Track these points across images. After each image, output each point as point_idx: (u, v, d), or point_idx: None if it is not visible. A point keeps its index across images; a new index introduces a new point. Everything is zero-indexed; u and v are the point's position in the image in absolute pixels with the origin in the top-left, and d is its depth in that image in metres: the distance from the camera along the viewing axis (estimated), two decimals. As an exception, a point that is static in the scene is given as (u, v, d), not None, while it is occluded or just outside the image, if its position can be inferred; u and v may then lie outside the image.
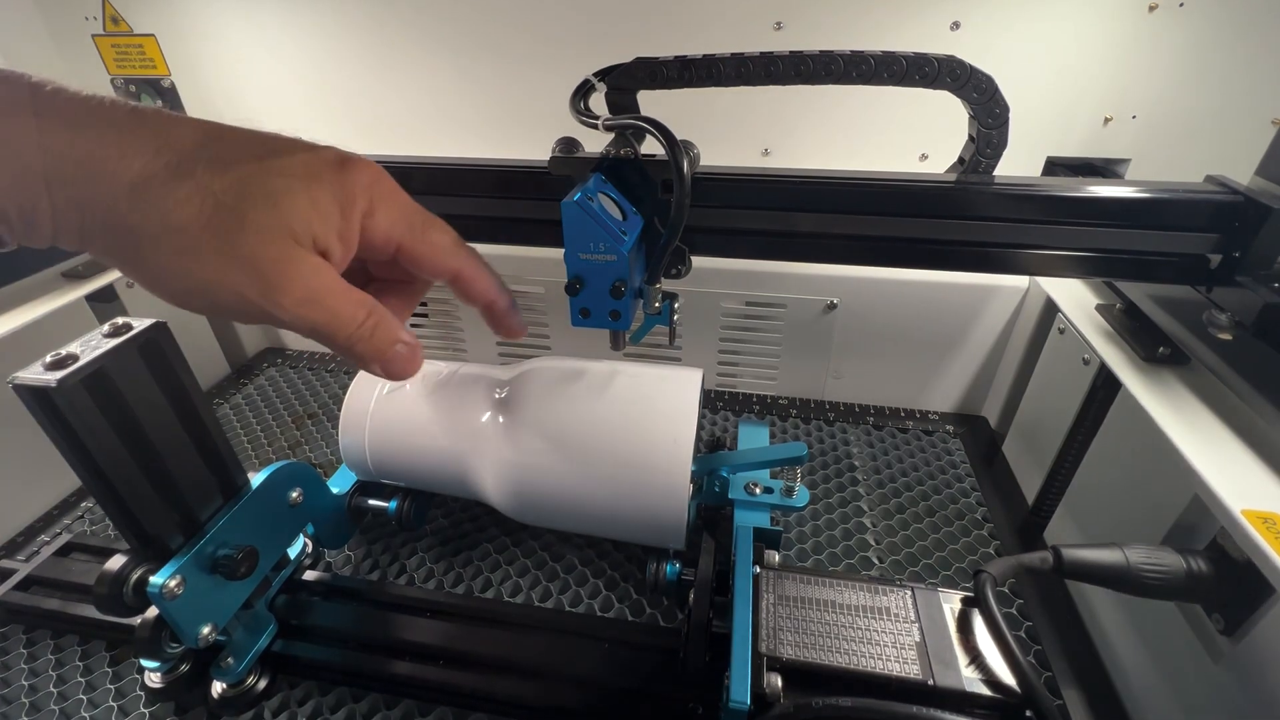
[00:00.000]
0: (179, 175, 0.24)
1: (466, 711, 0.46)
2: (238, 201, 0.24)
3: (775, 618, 0.40)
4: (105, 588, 0.37)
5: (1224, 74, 0.59)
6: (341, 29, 0.74)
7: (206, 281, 0.25)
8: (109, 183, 0.23)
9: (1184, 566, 0.37)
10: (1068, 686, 0.47)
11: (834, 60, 0.41)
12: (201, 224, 0.24)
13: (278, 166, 0.26)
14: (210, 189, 0.24)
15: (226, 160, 0.25)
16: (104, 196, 0.23)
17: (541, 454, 0.48)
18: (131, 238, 0.24)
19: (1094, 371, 0.54)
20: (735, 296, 0.73)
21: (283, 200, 0.25)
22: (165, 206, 0.23)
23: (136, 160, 0.23)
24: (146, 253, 0.24)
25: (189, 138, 0.24)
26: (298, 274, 0.25)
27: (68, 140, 0.22)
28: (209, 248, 0.24)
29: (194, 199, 0.24)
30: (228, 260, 0.24)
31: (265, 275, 0.25)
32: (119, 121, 0.23)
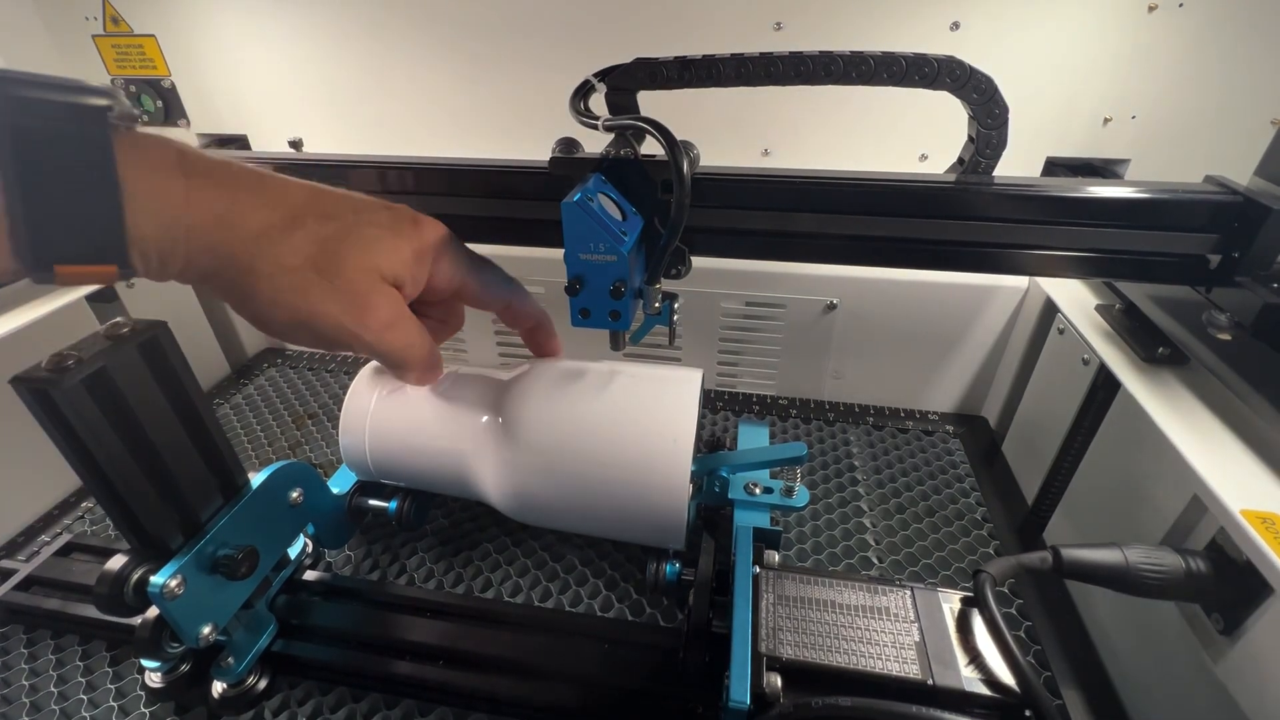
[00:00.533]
0: (293, 226, 0.30)
1: (466, 711, 0.46)
2: (339, 245, 0.31)
3: (775, 617, 0.40)
4: (106, 588, 0.37)
5: (1224, 74, 0.59)
6: (341, 29, 0.75)
7: (311, 312, 0.31)
8: (238, 233, 0.29)
9: (1183, 566, 0.38)
10: (1067, 686, 0.47)
11: (834, 60, 0.41)
12: (310, 264, 0.30)
13: (369, 219, 0.33)
14: (318, 235, 0.31)
15: (330, 213, 0.31)
16: (232, 244, 0.29)
17: (541, 454, 0.48)
18: (250, 277, 0.29)
19: (1094, 372, 0.54)
20: (735, 296, 0.73)
21: (374, 245, 0.32)
22: (281, 252, 0.30)
23: (260, 214, 0.29)
24: (262, 289, 0.30)
25: (299, 195, 0.31)
26: (383, 303, 0.33)
27: (211, 198, 0.28)
28: (315, 283, 0.31)
29: (304, 245, 0.30)
30: (329, 293, 0.31)
31: (359, 304, 0.32)
32: (248, 183, 0.29)
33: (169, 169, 0.27)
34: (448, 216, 0.54)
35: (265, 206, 0.29)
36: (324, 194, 0.32)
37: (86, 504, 0.65)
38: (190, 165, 0.28)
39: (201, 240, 0.28)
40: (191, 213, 0.27)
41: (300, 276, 0.30)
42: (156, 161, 0.27)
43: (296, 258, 0.30)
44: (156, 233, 0.27)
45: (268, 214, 0.29)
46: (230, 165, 0.29)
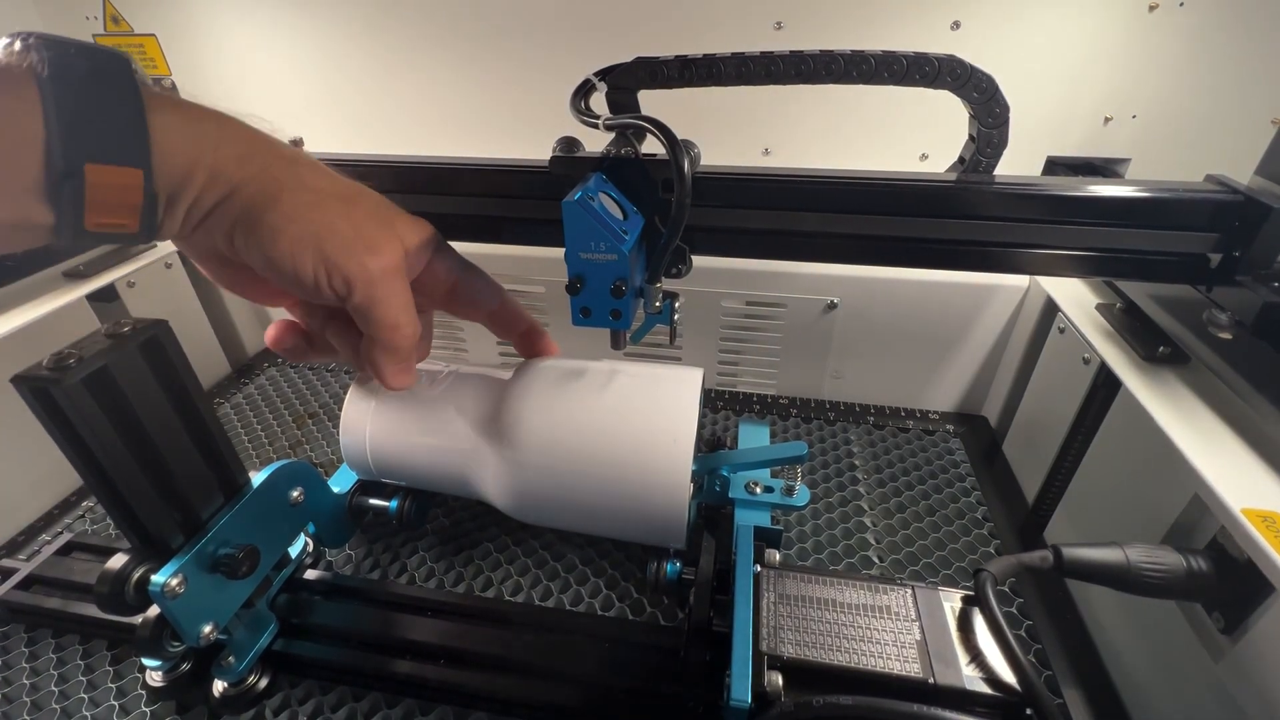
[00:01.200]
0: (321, 168, 0.34)
1: (467, 710, 0.46)
2: (359, 196, 0.35)
3: (776, 616, 0.40)
4: (106, 587, 0.37)
5: (1224, 74, 0.59)
6: (342, 29, 0.75)
7: (328, 226, 0.32)
8: (272, 152, 0.31)
9: (1184, 565, 0.38)
10: (1068, 685, 0.47)
11: (834, 60, 0.41)
12: (330, 193, 0.33)
13: (385, 201, 0.37)
14: (341, 187, 0.34)
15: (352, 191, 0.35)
16: (266, 156, 0.31)
17: (542, 453, 0.48)
18: (275, 187, 0.31)
19: (1094, 371, 0.54)
20: (735, 296, 0.73)
21: (390, 213, 0.36)
22: (308, 175, 0.33)
23: (290, 150, 0.33)
24: (284, 200, 0.31)
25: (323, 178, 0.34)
26: (392, 250, 0.35)
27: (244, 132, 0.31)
28: (336, 205, 0.33)
29: (329, 180, 0.34)
30: (346, 215, 0.33)
31: (371, 237, 0.34)
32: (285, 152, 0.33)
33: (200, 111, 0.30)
34: (448, 216, 0.54)
35: (298, 150, 0.33)
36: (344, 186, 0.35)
37: (87, 503, 0.65)
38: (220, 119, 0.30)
39: (231, 150, 0.30)
40: (223, 134, 0.30)
41: (324, 195, 0.32)
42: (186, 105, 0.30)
43: (321, 183, 0.33)
44: (184, 144, 0.28)
45: (299, 152, 0.33)
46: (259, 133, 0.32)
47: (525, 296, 0.78)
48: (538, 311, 0.78)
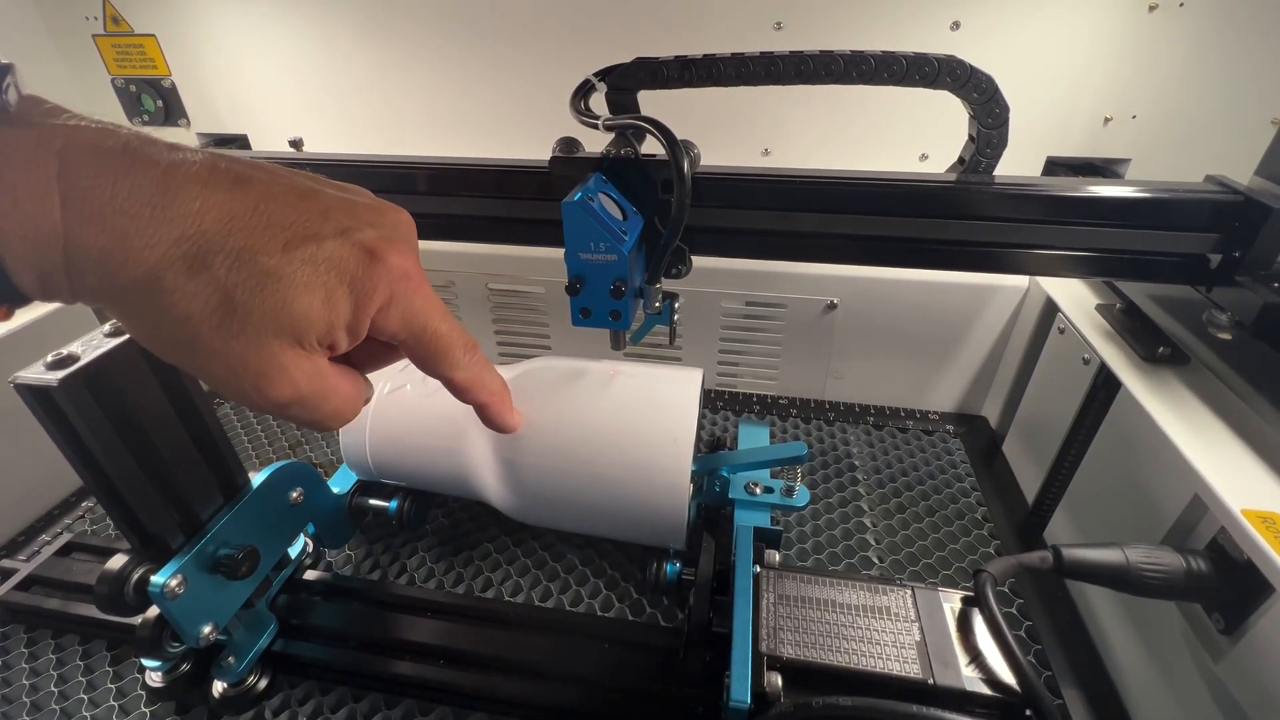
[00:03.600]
0: (194, 268, 0.23)
1: (467, 711, 0.46)
2: (248, 297, 0.24)
3: (775, 617, 0.40)
4: (106, 587, 0.37)
5: (1224, 74, 0.59)
6: (341, 29, 0.75)
7: (199, 371, 0.25)
8: (121, 277, 0.22)
9: (1184, 566, 0.38)
10: (1068, 686, 0.47)
11: (834, 60, 0.41)
12: (203, 318, 0.23)
13: (303, 256, 0.24)
14: (222, 283, 0.23)
15: (250, 249, 0.24)
16: (115, 289, 0.23)
17: (542, 453, 0.48)
18: (136, 324, 0.24)
19: (1094, 371, 0.54)
20: (735, 296, 0.73)
21: (296, 302, 0.24)
22: (172, 300, 0.23)
23: (153, 254, 0.22)
24: (146, 338, 0.25)
25: (216, 218, 0.23)
26: (287, 380, 0.25)
27: (91, 235, 0.22)
28: (205, 344, 0.24)
29: (202, 293, 0.23)
30: (221, 359, 0.24)
31: (256, 376, 0.25)
32: (147, 206, 0.22)
33: (40, 193, 0.21)
34: (448, 216, 0.54)
35: (161, 240, 0.22)
36: (257, 208, 0.24)
37: (87, 503, 0.65)
38: (72, 182, 0.21)
39: (83, 281, 0.22)
40: (70, 249, 0.21)
41: (189, 329, 0.23)
42: (23, 186, 0.21)
43: (189, 308, 0.23)
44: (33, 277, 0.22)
45: (164, 250, 0.22)
46: (130, 176, 0.22)
47: (525, 297, 0.78)
48: (537, 312, 0.78)
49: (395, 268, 0.27)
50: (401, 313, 0.28)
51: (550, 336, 0.80)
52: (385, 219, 0.27)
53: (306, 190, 0.26)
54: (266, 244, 0.24)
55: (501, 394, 0.35)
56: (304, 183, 0.26)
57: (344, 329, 0.26)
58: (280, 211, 0.24)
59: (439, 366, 0.31)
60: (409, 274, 0.27)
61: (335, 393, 0.27)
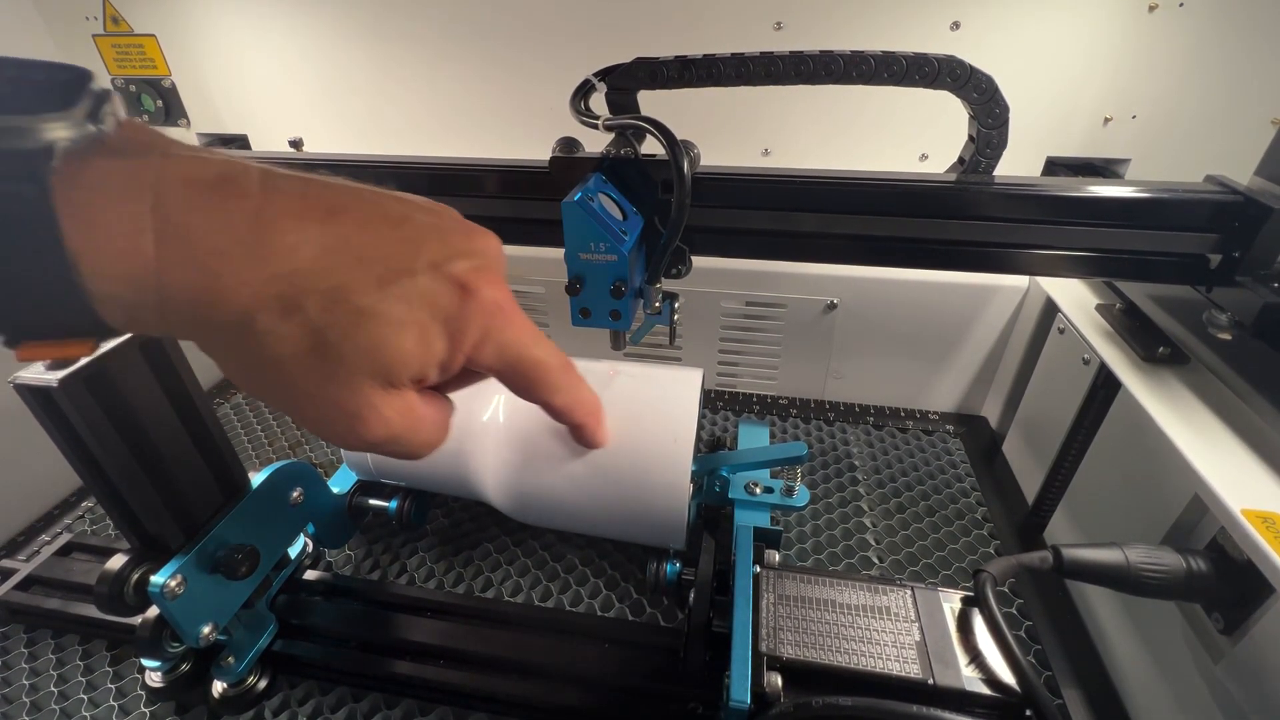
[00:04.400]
0: (287, 309, 0.22)
1: (467, 711, 0.46)
2: (341, 339, 0.23)
3: (775, 617, 0.40)
4: (106, 587, 0.37)
5: (1224, 74, 0.59)
6: (342, 29, 0.75)
7: (289, 411, 0.25)
8: (214, 315, 0.22)
9: (1184, 566, 0.38)
10: (1068, 686, 0.47)
11: (834, 60, 0.41)
12: (295, 360, 0.23)
13: (397, 293, 0.24)
14: (315, 325, 0.23)
15: (343, 288, 0.23)
16: (208, 327, 0.22)
17: (542, 453, 0.48)
18: (228, 363, 0.23)
19: (1094, 371, 0.54)
20: (735, 296, 0.73)
21: (390, 342, 0.24)
22: (264, 342, 0.22)
23: (246, 291, 0.22)
24: (238, 378, 0.24)
25: (309, 254, 0.22)
26: (379, 420, 0.25)
27: (185, 273, 0.21)
28: (297, 386, 0.23)
29: (295, 334, 0.22)
30: (313, 401, 0.24)
31: (349, 418, 0.24)
32: (240, 244, 0.21)
33: (133, 230, 0.20)
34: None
35: (255, 280, 0.22)
36: (348, 243, 0.23)
37: (87, 503, 0.65)
38: (165, 218, 0.20)
39: (174, 317, 0.22)
40: (163, 287, 0.21)
41: (282, 372, 0.23)
42: (117, 223, 0.20)
43: (282, 350, 0.22)
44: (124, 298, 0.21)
45: (256, 289, 0.22)
46: (224, 212, 0.21)
47: (525, 297, 0.78)
48: (537, 312, 0.78)
49: (489, 301, 0.26)
50: (496, 346, 0.27)
51: (550, 336, 0.80)
52: (475, 245, 0.26)
53: (398, 217, 0.25)
54: (360, 281, 0.23)
55: (598, 411, 0.34)
56: (394, 207, 0.25)
57: (437, 367, 0.26)
58: (372, 243, 0.23)
59: (536, 393, 0.31)
60: (502, 306, 0.27)
61: (424, 423, 0.27)
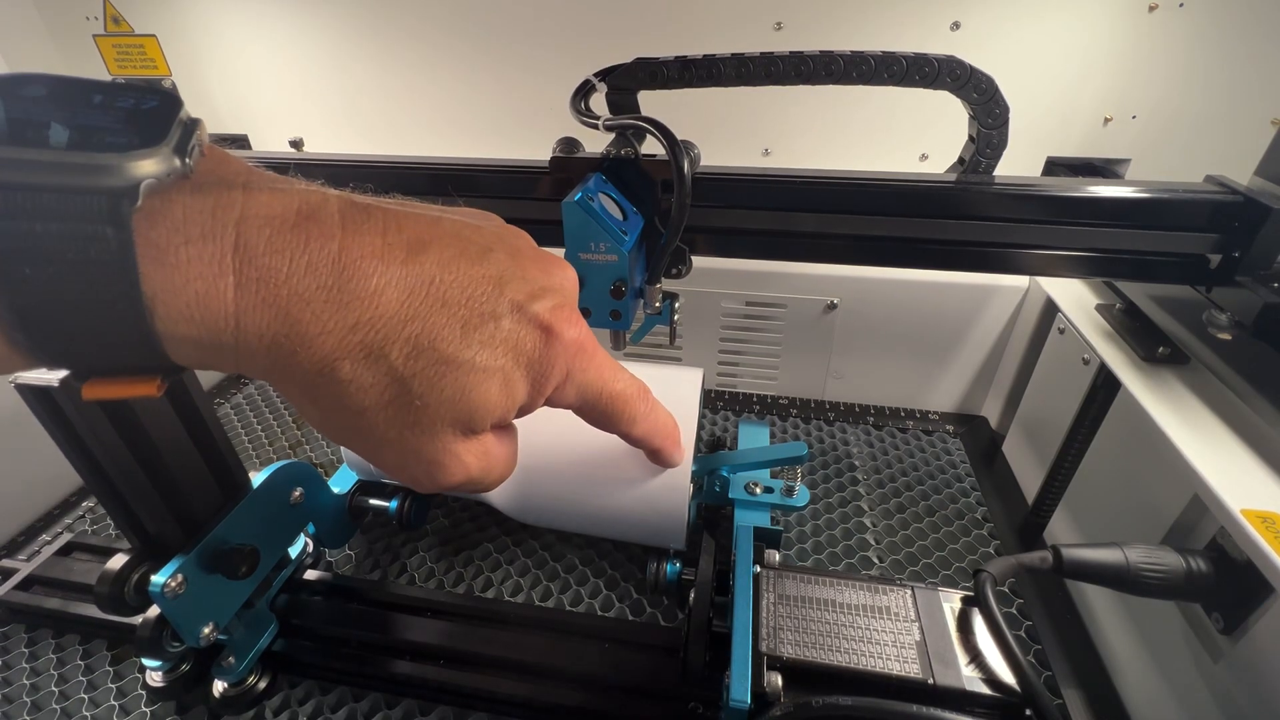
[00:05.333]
0: (370, 358, 0.22)
1: (467, 711, 0.46)
2: (425, 389, 0.22)
3: (775, 617, 0.40)
4: (107, 587, 0.37)
5: (1224, 74, 0.59)
6: (343, 30, 0.75)
7: (368, 455, 0.24)
8: (294, 362, 0.21)
9: (1184, 566, 0.38)
10: (1068, 686, 0.47)
11: (834, 60, 0.41)
12: (378, 409, 0.22)
13: (481, 339, 0.23)
14: (399, 374, 0.22)
15: (427, 336, 0.22)
16: (287, 374, 0.22)
17: (542, 454, 0.48)
18: (308, 409, 0.23)
19: (1094, 371, 0.54)
20: (735, 296, 0.73)
21: (474, 391, 0.23)
22: (346, 391, 0.22)
23: (329, 340, 0.21)
24: (316, 424, 0.24)
25: (393, 298, 0.21)
26: (459, 466, 0.25)
27: (264, 319, 0.20)
28: (378, 434, 0.23)
29: (378, 384, 0.22)
30: (393, 447, 0.23)
31: (429, 465, 0.24)
32: (321, 291, 0.21)
33: (213, 272, 0.19)
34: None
35: (338, 328, 0.21)
36: (429, 292, 0.22)
37: (87, 503, 0.65)
38: (247, 261, 0.19)
39: (251, 362, 0.21)
40: (241, 332, 0.20)
41: (364, 420, 0.22)
42: (196, 264, 0.19)
43: (365, 400, 0.22)
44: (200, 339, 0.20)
45: (338, 340, 0.21)
46: (306, 253, 0.20)
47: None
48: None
49: (571, 343, 0.26)
50: (578, 387, 0.27)
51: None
52: (554, 280, 0.26)
53: (478, 252, 0.24)
54: (444, 328, 0.22)
55: (675, 433, 0.35)
56: (474, 239, 0.24)
57: (517, 410, 0.26)
58: (455, 284, 0.23)
59: (616, 426, 0.31)
60: (584, 346, 0.27)
61: (499, 461, 0.27)
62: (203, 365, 0.21)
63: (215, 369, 0.22)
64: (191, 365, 0.21)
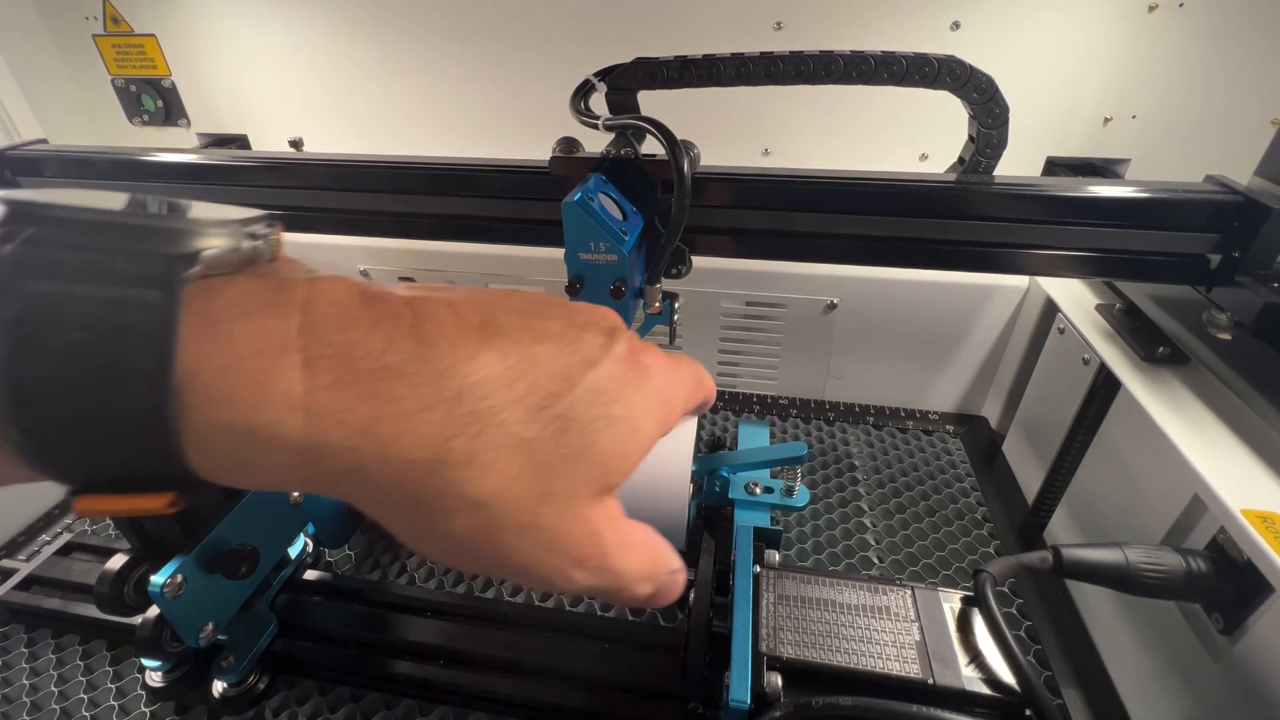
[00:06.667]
0: (486, 428, 0.18)
1: (467, 711, 0.46)
2: (551, 452, 0.19)
3: (775, 617, 0.40)
4: (106, 587, 0.37)
5: (1224, 74, 0.59)
6: (342, 30, 0.75)
7: (499, 561, 0.19)
8: (397, 451, 0.17)
9: (1184, 566, 0.38)
10: (1068, 686, 0.47)
11: (834, 60, 0.41)
12: (505, 490, 0.18)
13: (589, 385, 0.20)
14: (521, 439, 0.18)
15: (538, 392, 0.19)
16: (387, 469, 0.17)
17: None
18: (419, 512, 0.18)
19: (1094, 371, 0.54)
20: (735, 296, 0.73)
21: (602, 438, 0.20)
22: (467, 476, 0.18)
23: (435, 415, 0.17)
24: (435, 528, 0.19)
25: (492, 364, 0.18)
26: (593, 546, 0.21)
27: (348, 401, 0.17)
28: (512, 520, 0.19)
29: (501, 460, 0.18)
30: (525, 535, 0.19)
31: (567, 551, 0.20)
32: (409, 364, 0.17)
33: (274, 348, 0.16)
34: (448, 216, 0.54)
35: (439, 401, 0.17)
36: (522, 356, 0.19)
37: (87, 504, 0.65)
38: (317, 337, 0.17)
39: (320, 463, 0.17)
40: (313, 420, 0.16)
41: (488, 513, 0.18)
42: (257, 341, 0.16)
43: (486, 485, 0.18)
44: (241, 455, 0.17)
45: (445, 414, 0.17)
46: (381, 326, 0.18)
47: (525, 297, 0.77)
48: (538, 312, 0.78)
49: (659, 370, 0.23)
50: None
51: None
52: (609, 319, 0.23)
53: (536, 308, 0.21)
54: (549, 381, 0.19)
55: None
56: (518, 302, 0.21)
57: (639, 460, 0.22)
58: (540, 339, 0.20)
59: None
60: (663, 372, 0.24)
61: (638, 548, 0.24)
62: (234, 471, 0.17)
63: (247, 477, 0.18)
64: (216, 472, 0.17)
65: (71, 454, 0.16)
